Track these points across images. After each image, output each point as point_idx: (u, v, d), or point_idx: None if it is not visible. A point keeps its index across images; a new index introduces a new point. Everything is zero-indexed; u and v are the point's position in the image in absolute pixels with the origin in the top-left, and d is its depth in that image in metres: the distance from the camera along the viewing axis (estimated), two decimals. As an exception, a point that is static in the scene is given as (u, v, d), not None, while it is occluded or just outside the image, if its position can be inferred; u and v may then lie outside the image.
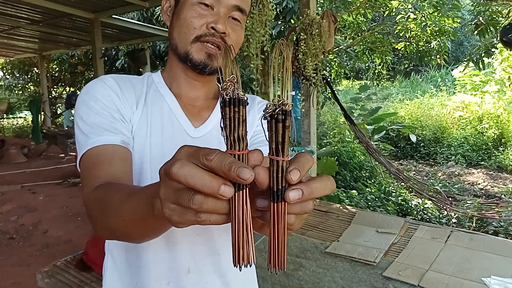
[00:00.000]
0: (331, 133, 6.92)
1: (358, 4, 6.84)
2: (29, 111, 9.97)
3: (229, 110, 0.39)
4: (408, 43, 7.22)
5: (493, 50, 6.80)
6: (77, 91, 11.55)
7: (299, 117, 3.70)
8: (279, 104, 0.39)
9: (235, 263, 0.40)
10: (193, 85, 0.88)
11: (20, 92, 13.80)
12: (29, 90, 13.71)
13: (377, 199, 4.65)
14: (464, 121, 8.48)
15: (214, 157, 0.37)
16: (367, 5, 6.88)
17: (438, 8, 6.46)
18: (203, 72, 0.82)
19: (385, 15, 8.38)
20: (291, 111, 0.39)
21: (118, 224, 0.57)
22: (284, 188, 0.39)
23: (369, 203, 4.49)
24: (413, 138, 7.19)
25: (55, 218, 4.59)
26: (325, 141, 6.57)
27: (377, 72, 15.20)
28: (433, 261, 2.26)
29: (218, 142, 0.86)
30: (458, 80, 10.03)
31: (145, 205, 0.49)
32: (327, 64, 7.72)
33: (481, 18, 5.54)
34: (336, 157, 5.50)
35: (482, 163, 7.21)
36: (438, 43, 6.87)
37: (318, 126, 6.23)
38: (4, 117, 13.24)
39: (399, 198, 4.77)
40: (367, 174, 5.76)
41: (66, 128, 8.72)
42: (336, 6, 6.56)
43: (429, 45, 7.04)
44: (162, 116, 0.84)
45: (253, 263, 0.40)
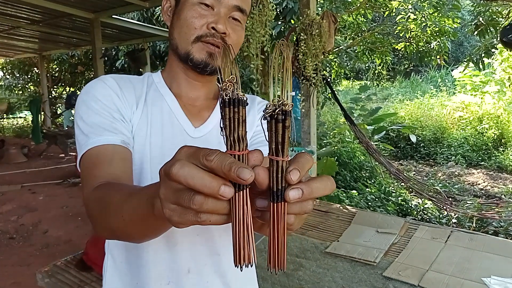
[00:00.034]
0: (331, 133, 6.92)
1: (358, 5, 6.84)
2: (29, 111, 9.97)
3: (228, 110, 0.39)
4: (408, 44, 7.21)
5: (493, 50, 6.79)
6: (77, 91, 11.55)
7: (299, 117, 3.70)
8: (279, 104, 0.39)
9: (236, 263, 0.40)
10: (193, 85, 0.88)
11: (20, 92, 13.81)
12: (29, 90, 13.71)
13: (377, 199, 4.65)
14: (464, 122, 8.48)
15: (214, 157, 0.37)
16: (367, 6, 6.87)
17: (438, 8, 6.46)
18: (204, 71, 0.82)
19: (385, 16, 8.38)
20: (291, 111, 0.39)
21: (118, 224, 0.57)
22: (284, 188, 0.39)
23: (369, 203, 4.49)
24: (413, 138, 7.18)
25: (55, 218, 4.59)
26: (325, 141, 6.57)
27: (377, 72, 15.19)
28: (433, 261, 2.26)
29: (218, 142, 0.86)
30: (458, 81, 10.03)
31: (145, 205, 0.49)
32: (327, 65, 7.72)
33: (481, 19, 5.54)
34: (336, 157, 5.50)
35: (482, 163, 7.21)
36: (438, 43, 6.87)
37: (318, 126, 6.23)
38: (4, 117, 13.23)
39: (399, 198, 4.77)
40: (367, 174, 5.76)
41: (66, 128, 8.71)
42: (336, 6, 6.56)
43: (429, 46, 7.03)
44: (162, 116, 0.84)
45: (254, 263, 0.40)
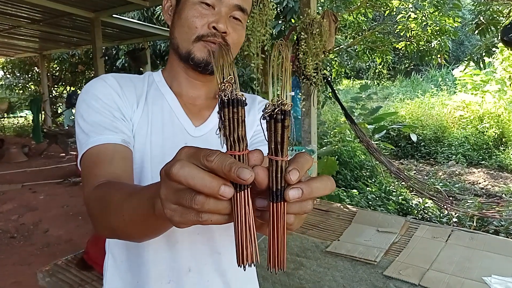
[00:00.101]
0: (332, 133, 6.92)
1: (359, 4, 6.83)
2: (30, 111, 9.97)
3: (228, 111, 0.39)
4: (408, 43, 7.20)
5: (493, 49, 6.79)
6: (78, 90, 11.56)
7: (299, 117, 3.70)
8: (278, 104, 0.39)
9: (239, 263, 0.40)
10: (193, 84, 0.88)
11: (21, 91, 13.82)
12: (29, 89, 13.72)
13: (377, 198, 4.65)
14: (465, 121, 8.47)
15: (215, 158, 0.37)
16: (367, 5, 6.87)
17: (439, 7, 6.45)
18: (204, 71, 0.82)
19: (385, 15, 8.38)
20: (290, 111, 0.39)
21: (119, 223, 0.57)
22: (283, 188, 0.39)
23: (370, 203, 4.49)
24: (414, 137, 7.17)
25: (56, 217, 4.60)
26: (326, 140, 6.56)
27: (378, 71, 15.18)
28: (434, 260, 2.26)
29: (219, 141, 0.86)
30: (459, 80, 10.00)
31: (146, 205, 0.49)
32: (328, 64, 7.72)
33: (481, 18, 5.53)
34: (336, 156, 5.50)
35: (483, 162, 7.20)
36: (438, 42, 6.86)
37: (319, 126, 6.22)
38: (5, 116, 13.24)
39: (400, 197, 4.77)
40: (367, 173, 5.76)
41: (67, 127, 8.71)
42: (336, 5, 6.56)
43: (430, 45, 7.02)
44: (162, 115, 0.84)
45: (257, 263, 0.40)
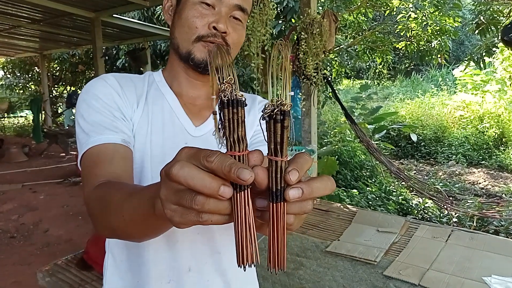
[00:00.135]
0: (332, 133, 6.91)
1: (359, 3, 6.83)
2: (30, 110, 9.97)
3: (227, 111, 0.39)
4: (409, 43, 7.20)
5: (494, 49, 6.79)
6: (78, 90, 11.56)
7: (300, 116, 3.70)
8: (277, 104, 0.39)
9: (239, 263, 0.40)
10: (194, 84, 0.88)
11: (21, 91, 13.82)
12: (30, 89, 13.72)
13: (377, 198, 4.65)
14: (465, 121, 8.47)
15: (215, 158, 0.37)
16: (368, 4, 6.87)
17: (439, 7, 6.45)
18: (205, 71, 0.81)
19: (386, 15, 8.37)
20: (289, 111, 0.39)
21: (119, 223, 0.57)
22: (283, 189, 0.39)
23: (370, 202, 4.49)
24: (414, 137, 7.17)
25: (56, 217, 4.60)
26: (326, 140, 6.56)
27: (378, 71, 15.17)
28: (434, 260, 2.26)
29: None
30: (459, 80, 10.00)
31: (146, 205, 0.49)
32: (328, 64, 7.72)
33: (482, 18, 5.53)
34: (336, 156, 5.50)
35: (483, 162, 7.20)
36: (439, 42, 6.86)
37: (319, 126, 6.23)
38: (5, 116, 13.24)
39: (400, 197, 4.76)
40: (367, 173, 5.76)
41: (67, 127, 8.71)
42: (337, 5, 6.56)
43: (430, 45, 7.02)
44: (163, 114, 0.84)
45: (258, 263, 0.40)
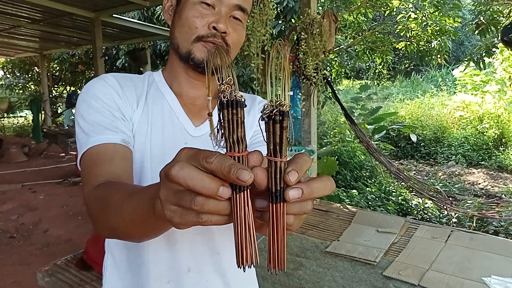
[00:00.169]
0: (332, 133, 6.91)
1: (359, 4, 6.83)
2: (30, 110, 9.97)
3: (227, 112, 0.39)
4: (408, 43, 7.20)
5: (493, 49, 6.79)
6: (78, 90, 11.56)
7: (299, 117, 3.70)
8: (276, 105, 0.39)
9: (239, 264, 0.40)
10: (193, 84, 0.88)
11: (21, 91, 13.82)
12: (29, 89, 13.72)
13: (377, 198, 4.65)
14: (465, 121, 8.47)
15: (214, 159, 0.37)
16: (367, 5, 6.87)
17: (439, 7, 6.45)
18: (205, 70, 0.81)
19: (385, 15, 8.37)
20: (288, 112, 0.39)
21: (119, 223, 0.57)
22: (282, 189, 0.39)
23: (370, 203, 4.49)
24: (414, 137, 7.17)
25: (56, 217, 4.60)
26: (326, 140, 6.56)
27: (378, 71, 15.18)
28: (434, 261, 2.25)
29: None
30: (459, 80, 10.00)
31: (146, 205, 0.49)
32: (328, 64, 7.72)
33: (482, 18, 5.53)
34: (336, 156, 5.50)
35: (483, 163, 7.20)
36: (438, 42, 6.86)
37: (319, 126, 6.22)
38: (5, 116, 13.24)
39: (400, 197, 4.76)
40: (367, 173, 5.76)
41: (67, 127, 8.71)
42: (336, 5, 6.56)
43: (430, 45, 7.02)
44: (162, 114, 0.84)
45: (257, 264, 0.40)
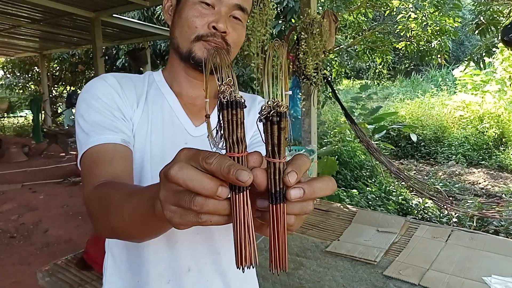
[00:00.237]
0: (332, 133, 6.91)
1: (359, 4, 6.83)
2: (30, 110, 9.97)
3: (227, 113, 0.39)
4: (408, 43, 7.20)
5: (494, 49, 6.79)
6: (78, 90, 11.55)
7: (299, 116, 3.70)
8: (273, 106, 0.39)
9: (238, 264, 0.40)
10: (193, 84, 0.88)
11: (21, 91, 13.81)
12: (29, 89, 13.72)
13: (377, 198, 4.65)
14: (465, 121, 8.47)
15: (214, 160, 0.37)
16: (367, 5, 6.86)
17: (439, 7, 6.45)
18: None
19: (385, 15, 8.37)
20: (286, 112, 0.39)
21: (118, 223, 0.57)
22: (282, 190, 0.39)
23: (370, 202, 4.49)
24: (414, 137, 7.17)
25: (56, 217, 4.60)
26: (326, 140, 6.56)
27: (378, 71, 15.16)
28: (434, 260, 2.25)
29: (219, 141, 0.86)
30: (459, 80, 10.00)
31: (146, 205, 0.49)
32: (328, 64, 7.71)
33: (482, 18, 5.53)
34: (336, 156, 5.50)
35: (483, 162, 7.20)
36: (439, 42, 6.85)
37: (319, 126, 6.22)
38: (5, 116, 13.24)
39: (400, 197, 4.76)
40: (367, 173, 5.76)
41: (67, 127, 8.71)
42: (336, 5, 6.56)
43: (430, 45, 7.01)
44: (162, 114, 0.84)
45: (256, 264, 0.40)
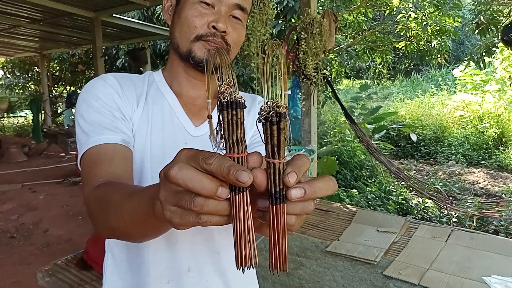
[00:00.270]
0: (332, 132, 6.91)
1: (359, 3, 6.83)
2: (30, 110, 9.97)
3: (227, 113, 0.39)
4: (408, 42, 7.20)
5: (494, 49, 6.79)
6: (78, 90, 11.55)
7: (299, 116, 3.70)
8: (272, 106, 0.39)
9: (238, 265, 0.40)
10: (193, 83, 0.88)
11: (21, 91, 13.81)
12: (29, 89, 13.71)
13: (377, 198, 4.65)
14: (465, 121, 8.47)
15: (213, 160, 0.37)
16: (367, 4, 6.87)
17: (439, 7, 6.45)
18: (205, 70, 0.81)
19: (385, 14, 8.37)
20: (285, 113, 0.39)
21: (119, 223, 0.57)
22: (282, 190, 0.39)
23: (370, 202, 4.49)
24: (414, 137, 7.17)
25: (56, 217, 4.60)
26: (326, 140, 6.56)
27: (378, 71, 15.16)
28: (434, 260, 2.25)
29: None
30: (459, 80, 10.00)
31: (146, 205, 0.49)
32: (328, 63, 7.71)
33: (482, 17, 5.53)
34: (336, 156, 5.50)
35: (483, 162, 7.20)
36: (438, 42, 6.86)
37: (319, 125, 6.22)
38: (5, 116, 13.23)
39: (400, 197, 4.76)
40: (367, 173, 5.76)
41: (67, 127, 8.71)
42: (336, 5, 6.56)
43: (430, 44, 7.02)
44: (162, 114, 0.84)
45: (256, 265, 0.40)
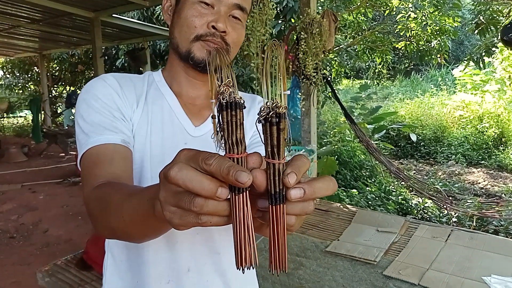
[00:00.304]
0: (332, 132, 6.91)
1: (359, 3, 6.83)
2: (29, 110, 9.96)
3: (226, 114, 0.39)
4: (408, 42, 7.20)
5: (493, 49, 6.79)
6: (77, 90, 11.55)
7: (299, 116, 3.70)
8: (272, 107, 0.39)
9: (238, 265, 0.40)
10: (193, 84, 0.88)
11: (21, 91, 13.81)
12: (29, 89, 13.71)
13: (377, 198, 4.65)
14: (465, 120, 8.47)
15: (213, 161, 0.37)
16: (367, 4, 6.87)
17: (439, 7, 6.45)
18: (204, 70, 0.81)
19: (385, 14, 8.37)
20: (285, 113, 0.39)
21: (118, 223, 0.57)
22: (282, 191, 0.39)
23: (370, 202, 4.49)
24: (413, 137, 7.17)
25: (56, 217, 4.59)
26: (326, 140, 6.56)
27: (378, 71, 15.18)
28: (434, 260, 2.25)
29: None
30: (459, 79, 10.00)
31: (146, 206, 0.49)
32: (328, 63, 7.71)
33: (481, 17, 5.53)
34: (336, 156, 5.50)
35: (483, 162, 7.20)
36: (438, 42, 6.86)
37: (319, 125, 6.22)
38: (5, 116, 13.23)
39: (400, 197, 4.76)
40: (367, 173, 5.76)
41: (66, 127, 8.71)
42: (336, 5, 6.57)
43: (430, 44, 7.02)
44: (162, 114, 0.84)
45: (256, 265, 0.40)
